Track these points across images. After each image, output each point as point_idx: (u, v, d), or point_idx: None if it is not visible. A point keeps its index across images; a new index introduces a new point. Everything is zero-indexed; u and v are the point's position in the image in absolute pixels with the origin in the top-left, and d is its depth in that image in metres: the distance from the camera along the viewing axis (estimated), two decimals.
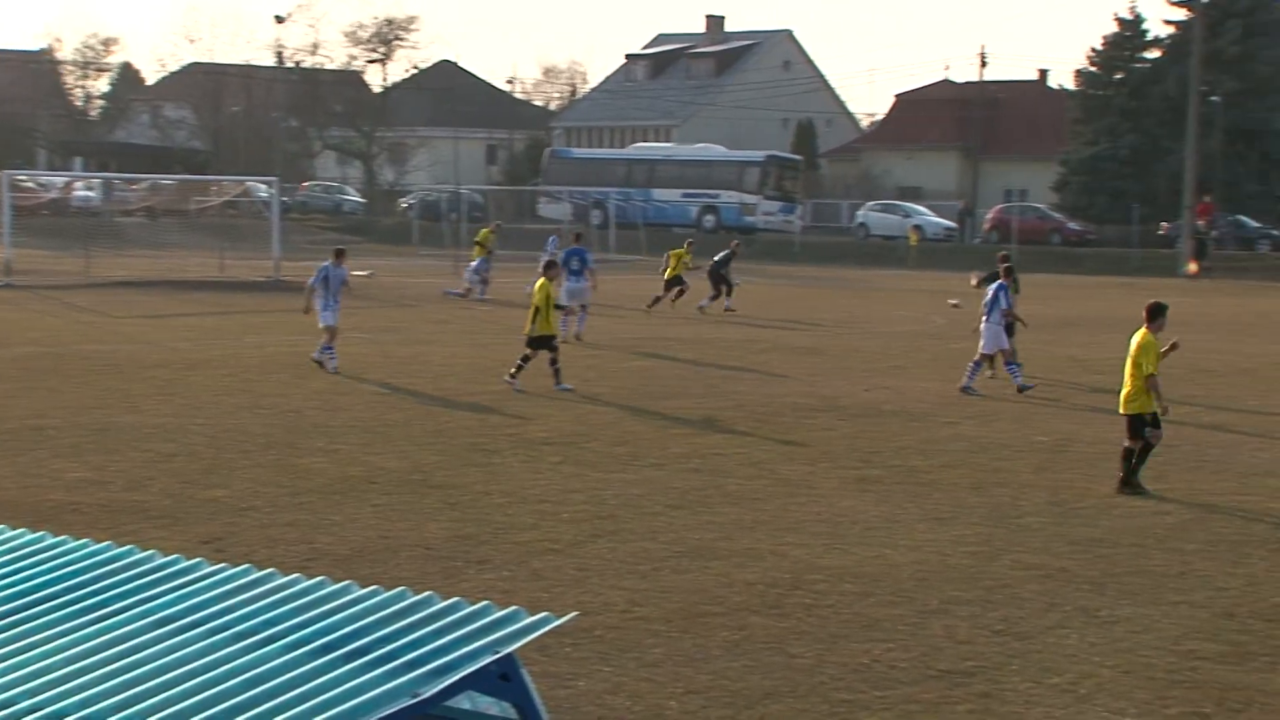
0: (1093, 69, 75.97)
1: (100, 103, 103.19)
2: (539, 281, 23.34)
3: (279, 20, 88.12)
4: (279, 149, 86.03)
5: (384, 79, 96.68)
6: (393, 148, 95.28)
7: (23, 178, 66.36)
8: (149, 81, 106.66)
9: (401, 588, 6.38)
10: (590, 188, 74.68)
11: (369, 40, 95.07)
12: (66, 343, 28.99)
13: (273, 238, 49.01)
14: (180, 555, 6.91)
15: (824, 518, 14.62)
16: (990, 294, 24.00)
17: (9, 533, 7.35)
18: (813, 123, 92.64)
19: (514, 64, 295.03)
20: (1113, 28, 75.71)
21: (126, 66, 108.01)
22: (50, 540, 7.22)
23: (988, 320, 23.78)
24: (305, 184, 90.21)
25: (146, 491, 15.29)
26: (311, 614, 6.09)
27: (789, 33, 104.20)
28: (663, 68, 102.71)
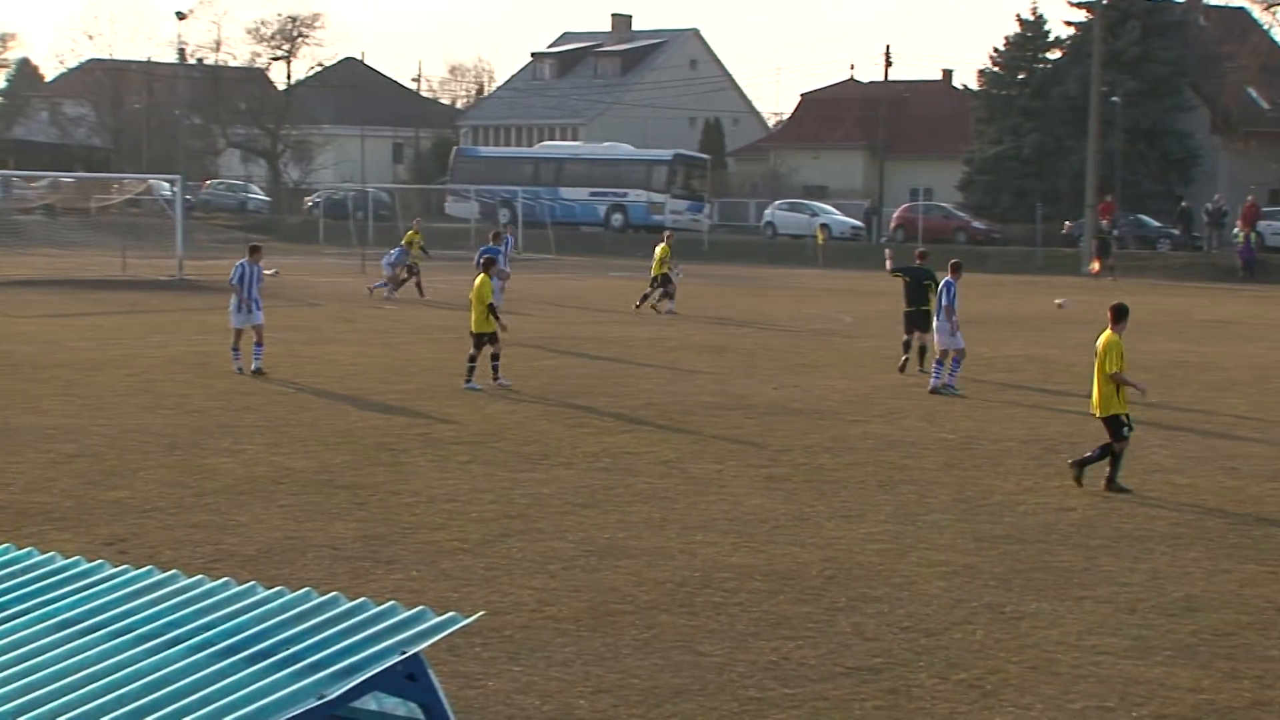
0: (996, 69, 76.67)
1: None
2: (479, 278, 23.35)
3: (180, 17, 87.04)
4: (182, 146, 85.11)
5: (289, 76, 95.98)
6: (298, 145, 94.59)
7: None
8: (48, 79, 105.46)
9: (307, 588, 6.31)
10: (498, 186, 74.47)
11: (273, 37, 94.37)
12: None
13: (176, 236, 48.52)
14: (81, 557, 6.81)
15: (733, 516, 14.65)
16: (942, 293, 24.36)
17: None
18: (720, 122, 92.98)
19: (420, 62, 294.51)
20: (1015, 28, 76.51)
21: (25, 63, 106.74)
22: None
23: (938, 319, 24.14)
24: (209, 182, 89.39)
25: (48, 493, 15.07)
26: (216, 615, 6.01)
27: (696, 31, 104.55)
28: (570, 66, 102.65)
